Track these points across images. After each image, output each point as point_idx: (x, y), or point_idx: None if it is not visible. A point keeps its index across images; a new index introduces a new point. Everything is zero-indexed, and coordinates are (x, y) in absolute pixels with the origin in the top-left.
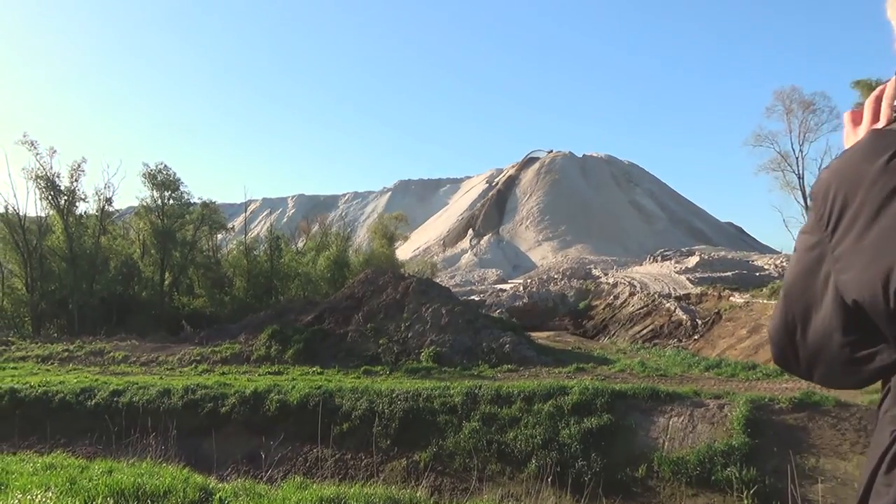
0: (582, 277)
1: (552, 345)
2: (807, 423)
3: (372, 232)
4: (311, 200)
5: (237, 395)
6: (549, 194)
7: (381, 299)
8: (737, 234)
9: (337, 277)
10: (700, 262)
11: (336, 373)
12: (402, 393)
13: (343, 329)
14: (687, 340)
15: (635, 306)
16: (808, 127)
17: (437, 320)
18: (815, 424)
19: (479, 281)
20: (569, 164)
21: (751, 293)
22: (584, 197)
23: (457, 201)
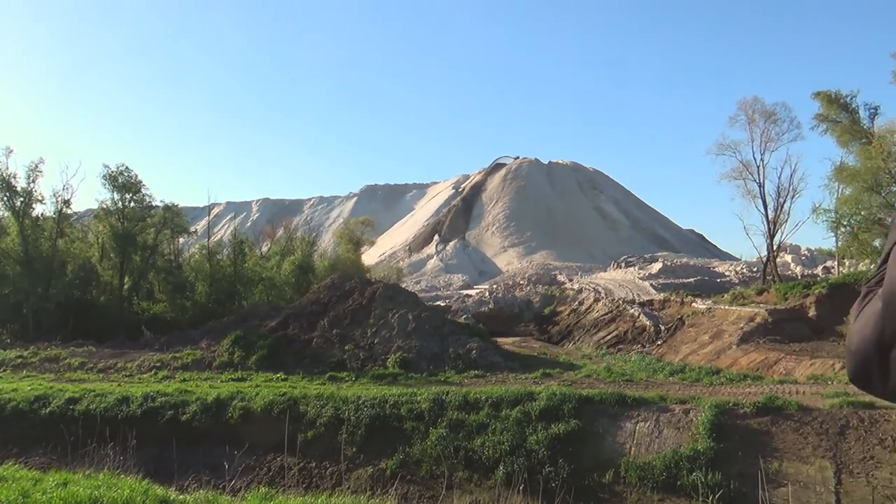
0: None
1: (518, 350)
2: (770, 428)
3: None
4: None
5: (199, 402)
6: (515, 200)
7: (348, 305)
8: (698, 242)
9: (302, 283)
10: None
11: (301, 379)
12: (369, 399)
13: (308, 335)
14: (650, 346)
15: (600, 312)
16: (770, 136)
17: (404, 326)
18: (778, 429)
19: (445, 286)
20: (535, 171)
21: (712, 299)
22: (550, 203)
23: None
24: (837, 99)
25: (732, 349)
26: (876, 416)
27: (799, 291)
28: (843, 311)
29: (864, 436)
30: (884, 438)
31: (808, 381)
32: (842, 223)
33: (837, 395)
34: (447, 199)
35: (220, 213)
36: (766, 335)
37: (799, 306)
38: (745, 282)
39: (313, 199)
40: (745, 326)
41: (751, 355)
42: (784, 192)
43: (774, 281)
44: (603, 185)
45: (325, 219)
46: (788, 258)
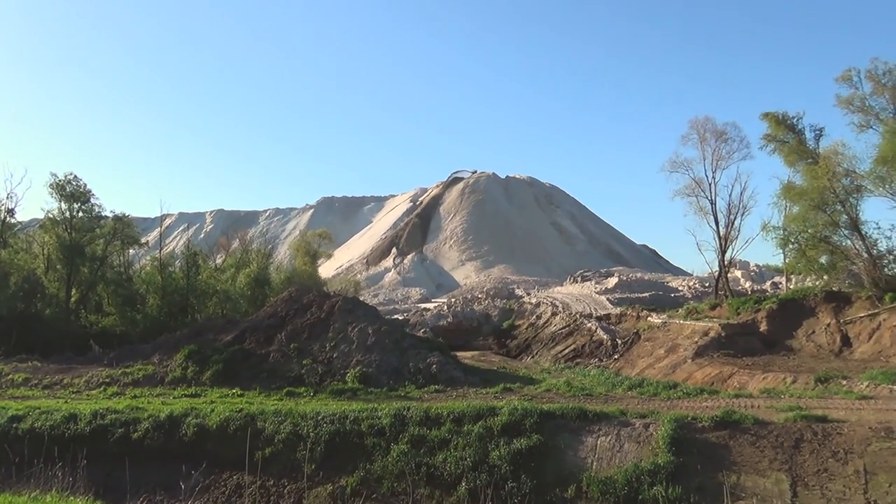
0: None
1: (478, 365)
2: (728, 441)
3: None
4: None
5: (151, 419)
6: (473, 214)
7: (306, 318)
8: (651, 257)
9: (258, 295)
10: (619, 283)
11: (258, 395)
12: (328, 415)
13: (265, 349)
14: (608, 360)
15: (557, 326)
16: (721, 155)
17: (364, 340)
18: (735, 442)
19: (403, 300)
20: (492, 185)
21: (667, 313)
22: (507, 218)
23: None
24: (784, 120)
25: (688, 363)
26: (829, 430)
27: (750, 306)
28: (793, 325)
29: (818, 449)
30: (836, 451)
31: (761, 394)
32: (790, 240)
33: (791, 409)
34: (405, 213)
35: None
36: (720, 349)
37: (751, 321)
38: (697, 296)
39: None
40: (699, 341)
41: (706, 369)
42: (735, 210)
43: (726, 296)
44: (559, 200)
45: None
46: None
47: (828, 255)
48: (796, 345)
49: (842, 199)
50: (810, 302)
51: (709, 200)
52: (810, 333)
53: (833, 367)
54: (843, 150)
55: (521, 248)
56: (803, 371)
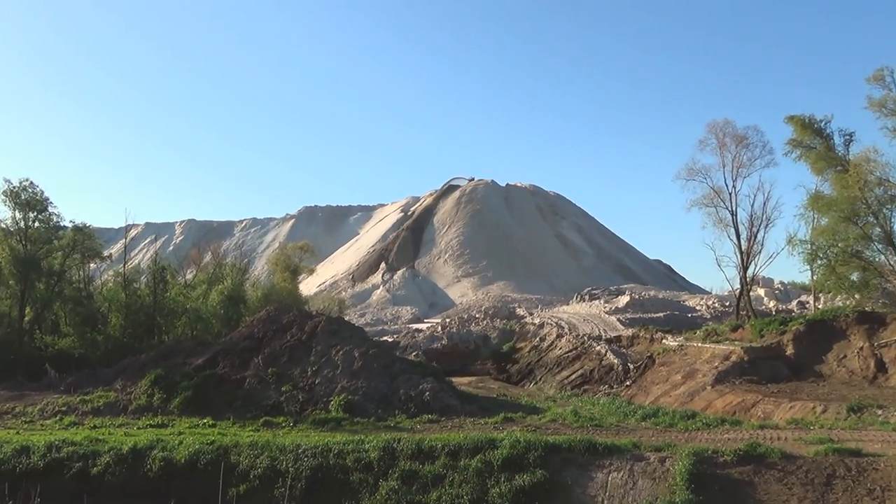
0: (505, 317)
1: (476, 392)
2: (752, 478)
3: (273, 263)
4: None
5: (112, 452)
6: (470, 226)
7: (285, 340)
8: (666, 273)
9: (232, 315)
10: (630, 301)
11: (231, 425)
12: (310, 448)
13: (240, 374)
14: (619, 386)
15: (563, 349)
16: (742, 162)
17: (349, 364)
18: (761, 479)
19: (393, 320)
20: (491, 194)
21: (684, 335)
22: (508, 229)
23: (368, 231)
24: (811, 124)
25: (707, 390)
26: (864, 465)
27: (775, 328)
28: (822, 349)
29: (852, 486)
30: (872, 489)
31: (789, 425)
32: (818, 255)
33: (822, 442)
34: (395, 224)
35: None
36: (742, 375)
37: (776, 344)
38: (717, 317)
39: (245, 220)
40: (719, 366)
41: (727, 397)
42: (757, 221)
43: (749, 316)
44: (565, 211)
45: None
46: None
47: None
48: (826, 370)
49: (874, 211)
50: (841, 323)
51: (729, 211)
52: (841, 358)
53: (867, 396)
54: (876, 157)
55: (522, 263)
56: (834, 399)
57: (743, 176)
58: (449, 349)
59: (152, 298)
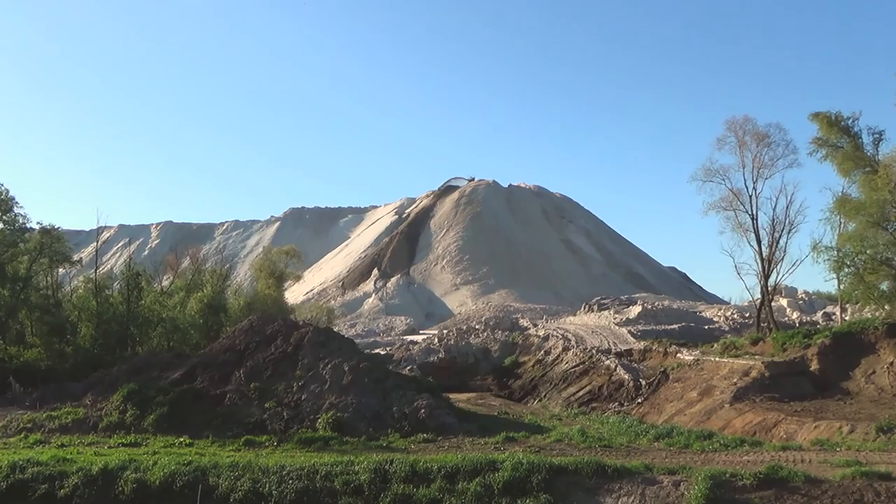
0: (507, 328)
1: (475, 409)
2: (774, 503)
3: (256, 269)
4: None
5: (81, 473)
6: (470, 229)
7: (269, 353)
8: (681, 282)
9: (212, 325)
10: (643, 312)
11: (210, 444)
12: (295, 470)
13: (220, 389)
14: (630, 404)
15: (570, 364)
16: (763, 162)
17: (339, 379)
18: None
19: (386, 331)
20: (493, 195)
21: (700, 349)
22: (510, 234)
23: (360, 235)
24: (838, 121)
25: (725, 408)
26: (894, 490)
27: (799, 341)
28: (849, 364)
29: None
30: None
31: (813, 446)
32: (845, 263)
33: (849, 465)
34: (389, 227)
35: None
36: (763, 392)
37: (799, 358)
38: (736, 329)
39: (227, 223)
40: (738, 382)
41: (746, 416)
42: (780, 226)
43: (770, 329)
44: (572, 214)
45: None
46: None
47: (890, 281)
48: (853, 387)
49: None
50: (870, 336)
51: (749, 215)
52: (870, 374)
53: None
54: None
55: (526, 271)
56: (862, 419)
57: (764, 177)
58: (446, 363)
59: (126, 307)
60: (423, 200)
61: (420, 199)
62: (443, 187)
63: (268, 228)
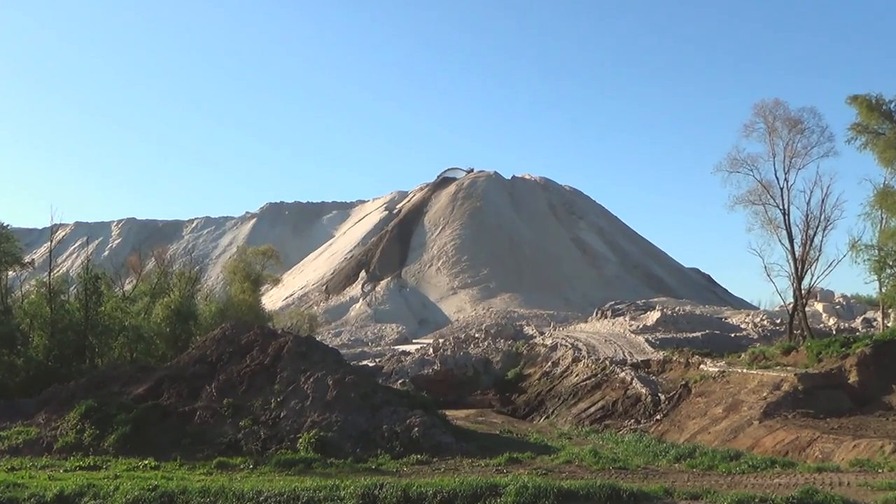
0: (511, 337)
1: (474, 427)
2: None
3: (230, 272)
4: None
5: (34, 499)
6: (469, 227)
7: (244, 365)
8: (705, 285)
9: (180, 334)
10: (662, 318)
11: (178, 467)
12: (274, 495)
13: (189, 406)
14: (647, 421)
15: (580, 376)
16: (795, 150)
17: (322, 394)
18: None
19: (375, 340)
20: (494, 189)
21: (726, 360)
22: (514, 231)
23: (345, 233)
24: (879, 105)
25: (754, 426)
26: None
27: (836, 350)
28: (892, 376)
29: None
30: None
31: (852, 468)
32: (887, 263)
33: (892, 488)
34: (378, 224)
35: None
36: (796, 407)
37: (836, 370)
38: (766, 337)
39: (197, 220)
40: (768, 396)
41: (777, 434)
42: (814, 222)
43: (804, 336)
44: (583, 209)
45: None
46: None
47: None
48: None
49: None
50: None
51: (780, 210)
52: None
53: None
54: None
55: (531, 272)
56: None
57: (797, 167)
58: (442, 376)
59: (83, 314)
60: (416, 194)
61: (413, 193)
62: (438, 179)
63: (242, 226)
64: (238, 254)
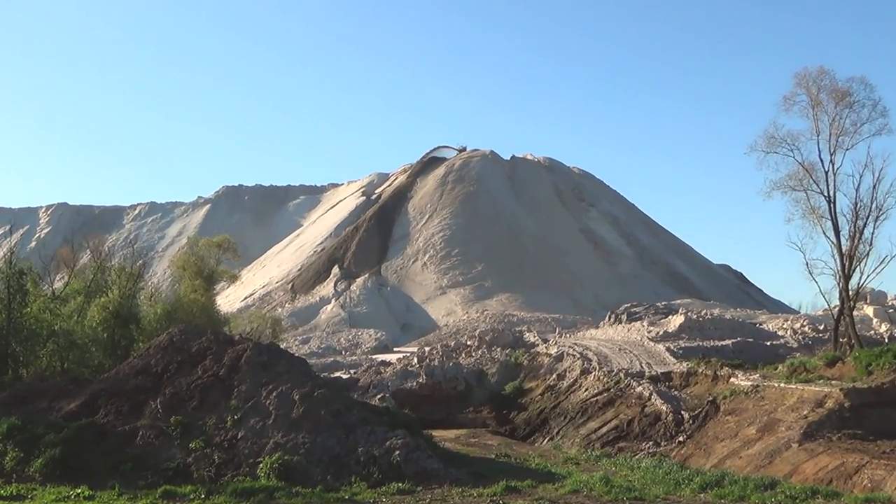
0: (509, 345)
1: (466, 450)
2: None
3: (179, 267)
4: (80, 214)
5: None
6: (460, 215)
7: (195, 377)
8: (736, 284)
9: (120, 340)
10: (685, 323)
11: (117, 496)
12: None
13: (130, 424)
14: (668, 444)
15: (590, 391)
16: (843, 128)
17: (287, 411)
18: None
19: (349, 348)
20: (490, 171)
21: (760, 372)
22: (513, 220)
23: (315, 222)
24: None
25: (792, 449)
26: None
27: (889, 361)
28: None
29: None
30: None
31: None
32: None
33: None
34: (354, 212)
35: None
36: (842, 428)
37: (889, 384)
38: (807, 346)
39: (140, 206)
40: (810, 415)
41: (820, 459)
42: (864, 211)
43: (852, 345)
44: (594, 196)
45: (159, 238)
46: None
47: None
48: None
49: None
50: None
51: (825, 197)
52: None
53: None
54: None
55: (533, 269)
56: None
57: (844, 147)
58: (428, 390)
59: (5, 316)
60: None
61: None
62: (425, 159)
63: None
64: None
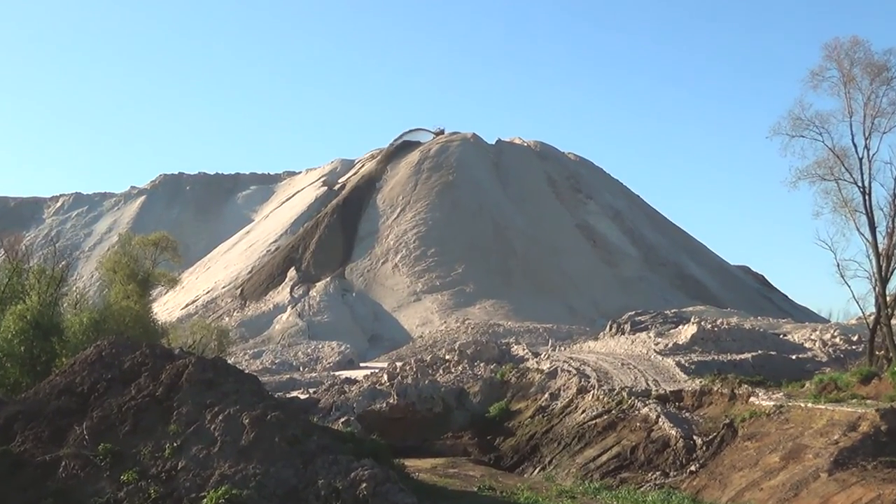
0: (494, 360)
1: (444, 482)
2: None
3: (108, 269)
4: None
5: None
6: (437, 208)
7: (128, 397)
8: (757, 289)
9: (40, 354)
10: (699, 334)
11: None
12: None
13: (52, 453)
14: (678, 473)
15: (589, 413)
16: (879, 108)
17: (235, 438)
18: None
19: (308, 363)
20: (472, 156)
21: (784, 390)
22: (499, 214)
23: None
24: None
25: (821, 480)
26: None
27: None
28: None
29: None
30: None
31: None
32: None
33: None
34: (313, 205)
35: None
36: (878, 455)
37: None
38: (838, 359)
39: (63, 197)
40: (841, 440)
41: (853, 491)
42: None
43: (889, 359)
44: (593, 187)
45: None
46: None
47: None
48: None
49: None
50: None
51: (858, 188)
52: None
53: None
54: None
55: (523, 271)
56: None
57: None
58: (400, 412)
59: None
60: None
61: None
62: (396, 144)
63: (126, 206)
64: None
